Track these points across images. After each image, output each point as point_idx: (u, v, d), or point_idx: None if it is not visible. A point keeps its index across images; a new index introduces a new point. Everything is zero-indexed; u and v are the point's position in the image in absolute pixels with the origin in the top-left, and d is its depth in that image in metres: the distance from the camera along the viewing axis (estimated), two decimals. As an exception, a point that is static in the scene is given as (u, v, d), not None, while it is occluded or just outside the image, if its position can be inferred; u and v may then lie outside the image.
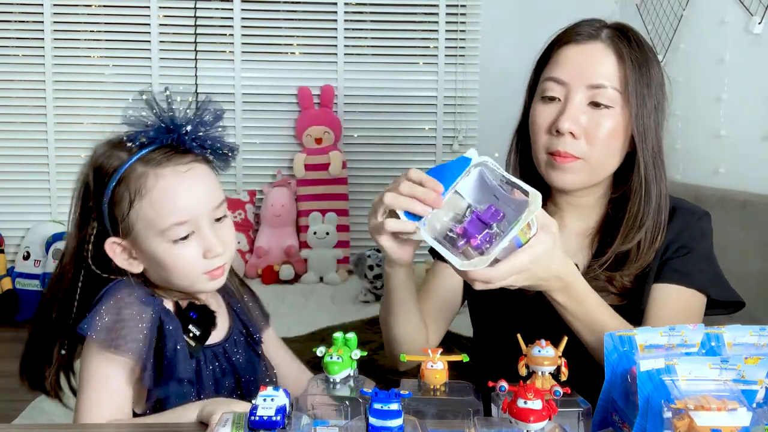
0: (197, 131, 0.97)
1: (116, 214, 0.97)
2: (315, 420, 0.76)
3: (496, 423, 0.72)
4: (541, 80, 1.11)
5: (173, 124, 0.96)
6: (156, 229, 0.95)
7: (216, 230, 0.98)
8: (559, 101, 1.07)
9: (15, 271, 3.46)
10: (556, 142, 1.06)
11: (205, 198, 0.97)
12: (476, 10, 3.60)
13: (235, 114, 3.61)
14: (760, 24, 2.24)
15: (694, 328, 0.77)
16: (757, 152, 2.22)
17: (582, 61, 1.07)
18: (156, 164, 0.95)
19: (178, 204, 0.95)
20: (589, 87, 1.05)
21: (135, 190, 0.95)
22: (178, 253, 0.96)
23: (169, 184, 0.95)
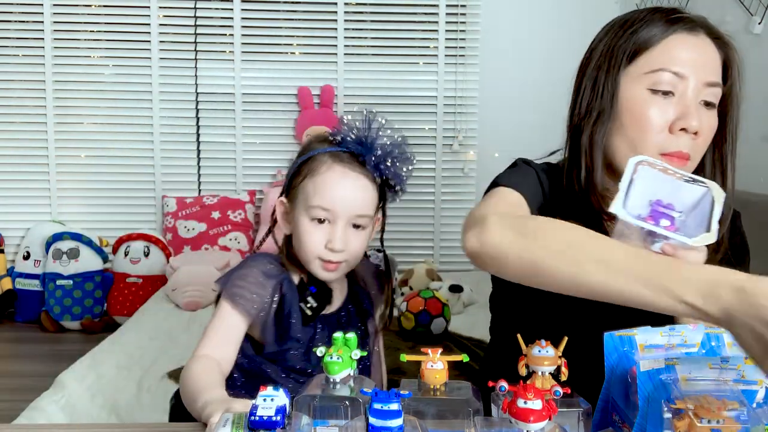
0: (384, 158, 1.14)
1: (293, 181, 1.17)
2: (315, 420, 0.76)
3: (496, 423, 0.72)
4: (645, 69, 1.01)
5: (369, 142, 1.14)
6: (306, 204, 1.13)
7: (348, 233, 1.14)
8: (672, 96, 1.00)
9: (15, 271, 3.47)
10: (676, 142, 0.98)
11: (353, 203, 1.13)
12: (476, 10, 3.60)
13: (235, 114, 3.62)
14: (760, 24, 2.24)
15: (694, 328, 0.77)
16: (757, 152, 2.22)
17: (697, 54, 1.01)
18: (337, 160, 1.13)
19: (330, 194, 1.12)
20: (705, 84, 1.00)
21: (312, 169, 1.14)
22: (310, 230, 1.13)
23: (333, 178, 1.12)
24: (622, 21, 1.07)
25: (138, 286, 3.38)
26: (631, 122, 1.01)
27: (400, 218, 3.63)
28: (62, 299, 3.30)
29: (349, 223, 1.14)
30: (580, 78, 1.08)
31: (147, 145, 3.59)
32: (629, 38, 1.03)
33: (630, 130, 1.01)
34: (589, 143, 1.04)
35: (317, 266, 1.14)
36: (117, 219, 3.56)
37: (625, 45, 1.03)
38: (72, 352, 2.67)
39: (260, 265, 1.16)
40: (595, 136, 1.04)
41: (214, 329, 1.12)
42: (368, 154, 1.13)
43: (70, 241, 3.35)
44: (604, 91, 1.03)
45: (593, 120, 1.04)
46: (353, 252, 1.15)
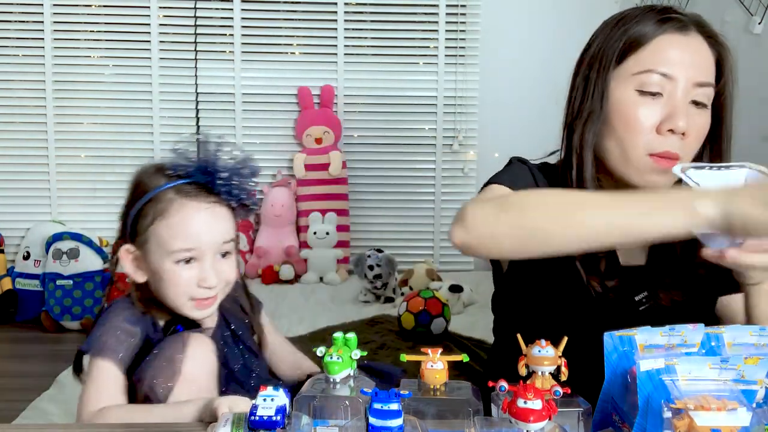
0: (231, 180, 1.08)
1: (138, 227, 1.08)
2: (315, 420, 0.76)
3: (496, 423, 0.72)
4: (634, 71, 1.01)
5: (213, 167, 1.07)
6: (165, 249, 1.06)
7: (217, 264, 1.08)
8: (661, 97, 0.99)
9: (15, 271, 3.46)
10: (664, 143, 0.99)
11: (215, 235, 1.07)
12: (476, 10, 3.60)
13: (235, 114, 3.62)
14: (760, 24, 2.24)
15: (694, 328, 0.77)
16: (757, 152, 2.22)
17: (689, 54, 1.00)
18: (184, 195, 1.06)
19: (190, 231, 1.06)
20: (694, 84, 0.99)
21: (160, 210, 1.06)
22: (176, 274, 1.06)
23: (188, 215, 1.06)
24: (615, 20, 1.06)
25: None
26: (619, 123, 1.01)
27: (400, 218, 3.63)
28: (62, 299, 3.30)
29: (216, 253, 1.08)
30: (574, 77, 1.08)
31: (147, 145, 3.59)
32: (619, 38, 1.03)
33: (619, 131, 1.02)
34: (580, 143, 1.05)
35: (189, 307, 1.08)
36: (117, 219, 3.55)
37: (615, 45, 1.03)
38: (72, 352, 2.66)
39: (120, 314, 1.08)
40: (586, 135, 1.04)
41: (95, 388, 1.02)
42: (215, 181, 1.07)
43: (70, 241, 3.34)
44: (595, 91, 1.04)
45: (584, 120, 1.04)
46: (227, 279, 1.10)
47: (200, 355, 1.02)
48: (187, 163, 1.08)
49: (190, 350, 1.01)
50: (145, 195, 1.08)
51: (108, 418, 0.96)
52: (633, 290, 1.07)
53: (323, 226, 3.52)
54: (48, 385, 2.26)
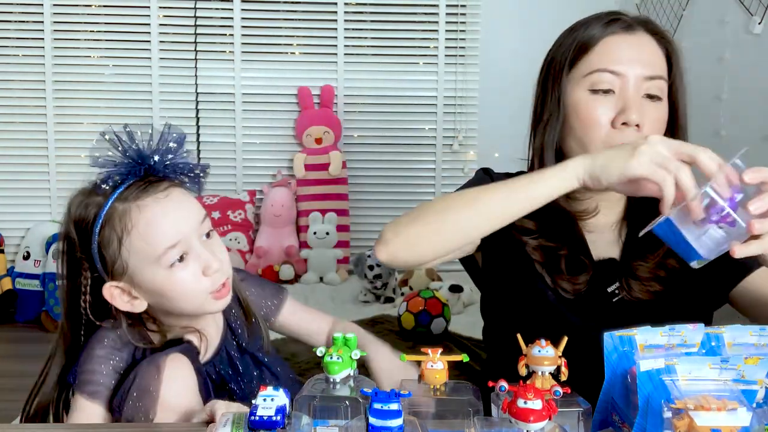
0: (165, 159, 0.99)
1: (107, 258, 0.98)
2: (315, 420, 0.76)
3: (496, 423, 0.72)
4: (585, 72, 1.06)
5: (140, 157, 0.98)
6: (150, 259, 0.97)
7: (208, 247, 1.01)
8: (613, 94, 1.04)
9: (15, 271, 3.46)
10: (620, 136, 1.02)
11: (188, 217, 1.00)
12: (476, 10, 3.60)
13: (235, 114, 3.62)
14: (760, 24, 2.24)
15: (694, 328, 0.77)
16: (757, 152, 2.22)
17: (633, 51, 1.05)
18: (135, 198, 0.97)
19: (166, 228, 0.97)
20: (644, 78, 1.04)
21: (121, 229, 0.97)
22: (178, 278, 0.98)
23: (153, 213, 0.97)
24: (569, 29, 1.12)
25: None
26: (577, 123, 1.06)
27: (400, 218, 3.62)
28: (62, 299, 3.30)
29: (201, 236, 1.00)
30: (536, 84, 1.15)
31: (147, 145, 3.58)
32: (569, 45, 1.09)
33: (577, 131, 1.06)
34: (541, 146, 1.10)
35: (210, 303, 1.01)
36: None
37: (566, 51, 1.09)
38: (72, 352, 2.67)
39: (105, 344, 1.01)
40: (546, 138, 1.10)
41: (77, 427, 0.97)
42: (153, 167, 0.99)
43: (70, 241, 3.34)
44: (552, 96, 1.10)
45: (544, 124, 1.10)
46: (226, 261, 1.03)
47: (179, 376, 0.96)
48: (114, 167, 0.99)
49: (167, 373, 0.94)
50: (93, 225, 0.97)
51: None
52: (606, 283, 1.08)
53: (323, 226, 3.52)
54: (48, 385, 2.25)
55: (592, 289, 1.08)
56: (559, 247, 1.08)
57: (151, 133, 1.00)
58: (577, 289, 1.07)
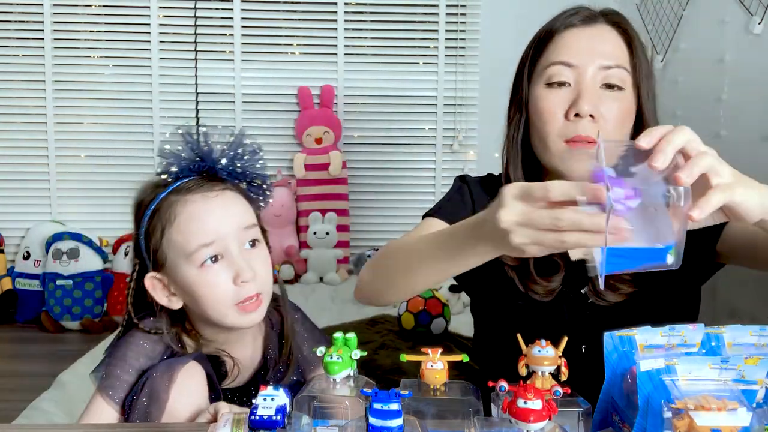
0: (231, 165, 0.99)
1: (151, 246, 0.98)
2: (315, 420, 0.76)
3: (496, 423, 0.72)
4: (543, 66, 1.07)
5: (205, 156, 0.99)
6: (184, 254, 0.96)
7: (246, 256, 0.97)
8: (569, 86, 1.04)
9: (15, 271, 3.46)
10: (573, 128, 1.02)
11: (232, 219, 0.97)
12: (476, 10, 3.61)
13: (235, 114, 3.62)
14: (760, 24, 2.24)
15: (694, 328, 0.77)
16: (757, 152, 2.22)
17: (590, 42, 1.04)
18: (186, 192, 0.97)
19: (204, 225, 0.95)
20: (601, 68, 1.03)
21: (165, 219, 0.97)
22: (207, 280, 0.96)
23: (196, 208, 0.96)
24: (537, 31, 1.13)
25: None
26: (535, 117, 1.07)
27: (400, 218, 3.62)
28: (62, 299, 3.30)
29: (242, 243, 0.98)
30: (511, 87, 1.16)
31: (147, 145, 3.59)
32: (532, 44, 1.10)
33: (537, 125, 1.07)
34: (508, 144, 1.13)
35: (234, 315, 0.97)
36: (117, 219, 3.55)
37: (530, 50, 1.11)
38: (72, 352, 2.68)
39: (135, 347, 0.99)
40: (512, 135, 1.12)
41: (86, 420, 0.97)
42: (215, 167, 0.98)
43: (70, 241, 3.35)
44: (517, 97, 1.11)
45: (510, 123, 1.13)
46: (264, 276, 0.98)
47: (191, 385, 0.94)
48: (179, 160, 0.99)
49: (179, 381, 0.93)
50: (146, 210, 0.99)
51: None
52: (581, 284, 1.08)
53: (323, 226, 3.52)
54: (48, 385, 2.26)
55: (566, 290, 1.08)
56: None
57: (223, 136, 1.01)
58: (551, 290, 1.07)
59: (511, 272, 1.09)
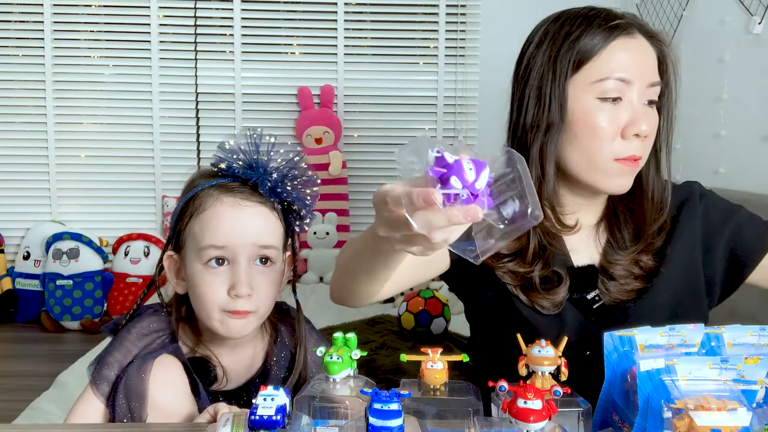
0: (279, 181, 0.99)
1: (178, 227, 1.01)
2: (315, 420, 0.76)
3: (496, 423, 0.72)
4: (594, 78, 1.00)
5: (260, 166, 0.99)
6: (196, 247, 0.97)
7: (253, 272, 0.97)
8: (620, 102, 1.01)
9: (15, 271, 3.47)
10: (629, 147, 1.00)
11: (251, 232, 0.97)
12: (476, 10, 3.61)
13: (235, 114, 3.62)
14: (760, 24, 2.24)
15: (694, 329, 0.77)
16: (757, 152, 2.22)
17: (639, 57, 1.02)
18: (224, 191, 0.98)
19: (221, 228, 0.96)
20: (648, 85, 1.02)
21: (195, 208, 0.99)
22: (206, 279, 0.97)
23: (223, 210, 0.97)
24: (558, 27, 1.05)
25: (138, 286, 3.38)
26: (584, 132, 1.01)
27: (400, 218, 3.62)
28: (62, 299, 3.30)
29: (253, 258, 0.98)
30: (521, 88, 1.08)
31: (147, 145, 3.59)
32: (571, 47, 1.02)
33: (583, 140, 1.02)
34: (540, 156, 1.04)
35: (219, 321, 0.97)
36: (117, 219, 3.56)
37: (568, 54, 1.02)
38: (72, 352, 2.68)
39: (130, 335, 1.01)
40: (547, 147, 1.04)
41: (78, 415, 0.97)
42: (261, 178, 0.98)
43: (70, 241, 3.35)
44: (552, 102, 1.03)
45: (543, 131, 1.04)
46: (263, 297, 0.98)
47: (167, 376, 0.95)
48: (233, 158, 0.99)
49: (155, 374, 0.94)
50: (186, 195, 1.01)
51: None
52: (587, 290, 1.08)
53: (323, 226, 3.52)
54: (48, 385, 2.26)
55: (573, 297, 1.07)
56: (532, 270, 1.06)
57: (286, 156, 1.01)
58: (558, 302, 1.05)
59: (516, 289, 1.07)
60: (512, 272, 1.06)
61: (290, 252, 1.06)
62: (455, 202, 0.62)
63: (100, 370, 0.99)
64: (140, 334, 1.02)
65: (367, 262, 0.89)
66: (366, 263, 0.90)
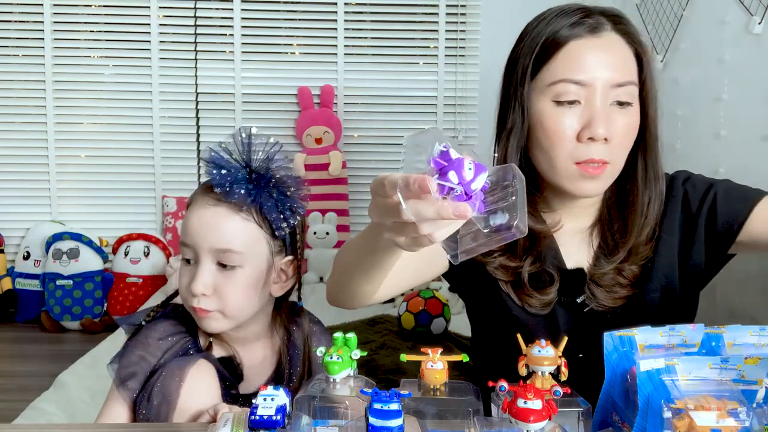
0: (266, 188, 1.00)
1: None
2: (315, 420, 0.76)
3: (496, 423, 0.72)
4: (549, 81, 0.99)
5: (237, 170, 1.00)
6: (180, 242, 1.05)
7: (216, 275, 1.01)
8: (579, 104, 0.98)
9: (15, 271, 3.46)
10: (587, 151, 0.97)
11: (214, 237, 1.00)
12: (476, 10, 3.60)
13: (235, 114, 3.62)
14: (760, 24, 2.24)
15: (694, 329, 0.77)
16: (757, 152, 2.22)
17: (600, 57, 0.97)
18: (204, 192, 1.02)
19: (190, 227, 1.02)
20: (614, 86, 0.97)
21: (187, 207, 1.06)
22: (179, 274, 1.05)
23: (196, 209, 1.02)
24: (533, 27, 1.05)
25: (138, 286, 3.38)
26: (542, 135, 1.01)
27: (400, 218, 3.63)
28: (62, 299, 3.30)
29: (214, 260, 1.01)
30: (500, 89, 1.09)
31: (147, 145, 3.59)
32: (532, 47, 1.02)
33: (543, 143, 1.01)
34: (504, 155, 1.05)
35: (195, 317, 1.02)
36: (117, 219, 3.56)
37: (529, 55, 1.02)
38: (72, 352, 2.68)
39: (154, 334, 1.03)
40: (509, 148, 1.04)
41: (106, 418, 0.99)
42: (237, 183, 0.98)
43: (70, 241, 3.35)
44: (515, 104, 1.03)
45: (508, 132, 1.05)
46: (225, 299, 1.00)
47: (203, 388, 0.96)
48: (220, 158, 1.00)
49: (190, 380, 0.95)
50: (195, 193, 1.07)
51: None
52: (577, 293, 1.08)
53: (323, 226, 3.52)
54: (48, 385, 2.26)
55: (563, 300, 1.07)
56: (521, 265, 1.06)
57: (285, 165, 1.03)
58: (547, 302, 1.06)
59: (507, 286, 1.08)
60: (503, 267, 1.07)
61: (289, 257, 1.07)
62: (448, 197, 0.63)
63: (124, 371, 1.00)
64: (163, 335, 1.04)
65: (362, 260, 0.89)
66: (361, 261, 0.90)
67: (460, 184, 0.63)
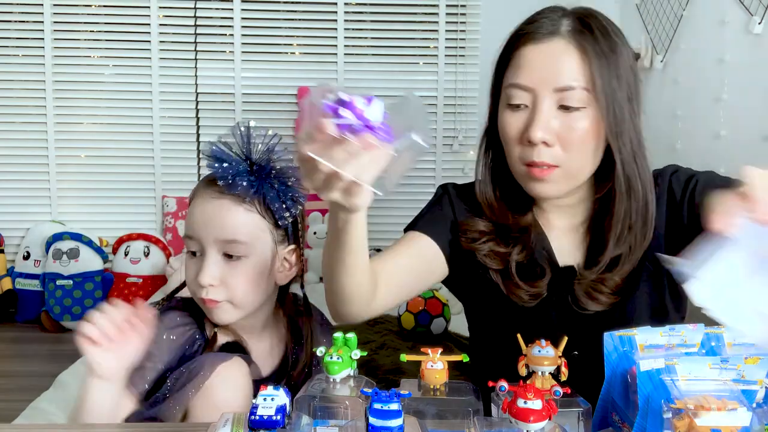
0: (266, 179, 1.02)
1: None
2: (315, 420, 0.76)
3: (496, 423, 0.72)
4: (504, 86, 1.04)
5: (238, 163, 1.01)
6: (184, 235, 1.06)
7: (223, 266, 1.02)
8: (526, 107, 1.01)
9: (15, 271, 3.47)
10: (530, 153, 1.00)
11: (219, 228, 1.02)
12: (476, 10, 3.61)
13: (235, 114, 3.61)
14: (760, 24, 2.24)
15: (694, 329, 0.77)
16: (757, 152, 2.22)
17: (544, 63, 0.99)
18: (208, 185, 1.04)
19: (194, 220, 1.04)
20: (556, 90, 0.98)
21: (190, 199, 1.07)
22: (185, 267, 1.06)
23: (199, 202, 1.04)
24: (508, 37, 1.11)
25: (138, 286, 3.38)
26: (501, 138, 1.06)
27: (399, 218, 3.62)
28: (62, 299, 3.30)
29: (220, 251, 1.02)
30: None
31: (147, 145, 3.59)
32: (500, 53, 1.09)
33: (503, 145, 1.06)
34: (478, 157, 1.13)
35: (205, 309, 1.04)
36: (117, 219, 3.56)
37: (498, 61, 1.09)
38: (72, 352, 2.66)
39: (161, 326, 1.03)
40: (481, 149, 1.12)
41: None
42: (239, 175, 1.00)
43: (70, 241, 3.35)
44: (489, 106, 1.11)
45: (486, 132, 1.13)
46: (233, 289, 1.02)
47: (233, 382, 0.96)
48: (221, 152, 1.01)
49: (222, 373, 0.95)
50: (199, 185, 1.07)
51: None
52: (565, 293, 1.07)
53: (323, 226, 3.52)
54: (48, 385, 2.26)
55: (553, 297, 1.07)
56: (509, 251, 1.07)
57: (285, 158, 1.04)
58: (534, 295, 1.05)
59: (496, 276, 1.08)
60: (493, 252, 1.08)
61: (292, 246, 1.09)
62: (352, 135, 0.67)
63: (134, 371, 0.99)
64: (169, 326, 1.05)
65: (332, 249, 0.91)
66: (333, 251, 0.91)
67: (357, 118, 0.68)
